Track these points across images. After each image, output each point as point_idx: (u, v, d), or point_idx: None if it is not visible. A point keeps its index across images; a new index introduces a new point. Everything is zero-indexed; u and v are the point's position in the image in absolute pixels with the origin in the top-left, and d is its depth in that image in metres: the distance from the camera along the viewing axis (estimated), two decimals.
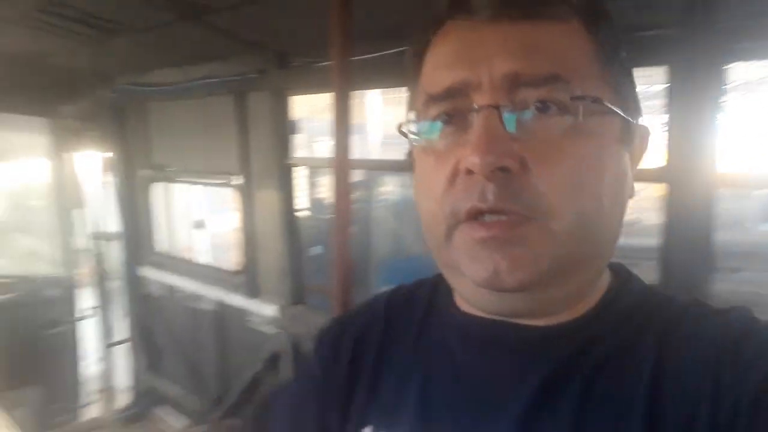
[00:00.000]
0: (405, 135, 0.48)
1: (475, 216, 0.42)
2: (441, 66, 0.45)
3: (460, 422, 0.47)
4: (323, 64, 2.23)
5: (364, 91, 2.79)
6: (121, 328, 3.85)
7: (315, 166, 3.87)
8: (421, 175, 0.47)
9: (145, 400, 3.68)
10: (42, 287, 3.80)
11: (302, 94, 2.49)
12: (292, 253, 2.61)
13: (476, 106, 0.42)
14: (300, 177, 2.59)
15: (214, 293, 3.04)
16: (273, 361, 2.81)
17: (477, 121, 0.41)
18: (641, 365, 0.44)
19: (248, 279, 2.81)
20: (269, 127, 2.51)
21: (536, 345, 0.46)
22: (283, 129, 2.47)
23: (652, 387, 0.42)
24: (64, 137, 3.65)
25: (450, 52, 0.45)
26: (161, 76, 2.91)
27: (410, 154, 0.50)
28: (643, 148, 0.50)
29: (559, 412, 0.44)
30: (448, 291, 0.54)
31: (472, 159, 0.40)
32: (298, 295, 2.66)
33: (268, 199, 2.64)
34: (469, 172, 0.41)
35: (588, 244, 0.43)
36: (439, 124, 0.45)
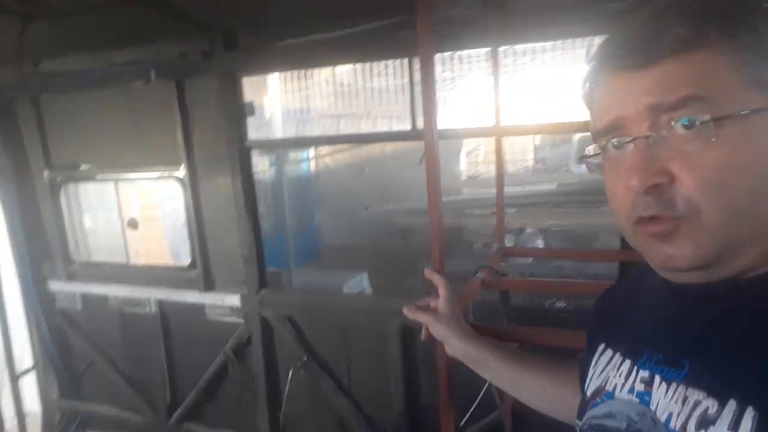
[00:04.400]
0: (587, 158, 0.60)
1: (644, 221, 0.54)
2: (601, 108, 0.57)
3: (658, 334, 0.60)
4: (282, 43, 2.23)
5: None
6: (25, 354, 3.36)
7: (275, 147, 3.74)
8: (606, 183, 0.59)
9: (67, 428, 3.30)
10: None
11: (254, 75, 2.45)
12: (253, 239, 2.58)
13: (627, 138, 0.53)
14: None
15: (157, 293, 2.85)
16: (239, 350, 2.76)
17: (631, 149, 0.53)
18: None
19: (202, 272, 2.70)
20: (219, 112, 2.43)
21: (707, 294, 0.56)
22: (237, 112, 2.41)
23: None
24: None
25: (605, 96, 0.56)
26: (70, 63, 2.60)
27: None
28: None
29: (716, 345, 0.53)
30: None
31: (629, 182, 0.52)
32: (261, 280, 2.64)
33: (220, 186, 2.55)
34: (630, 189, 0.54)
35: (746, 229, 0.51)
36: (607, 151, 0.56)
